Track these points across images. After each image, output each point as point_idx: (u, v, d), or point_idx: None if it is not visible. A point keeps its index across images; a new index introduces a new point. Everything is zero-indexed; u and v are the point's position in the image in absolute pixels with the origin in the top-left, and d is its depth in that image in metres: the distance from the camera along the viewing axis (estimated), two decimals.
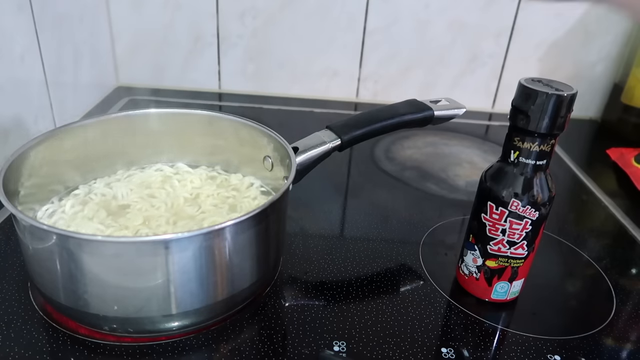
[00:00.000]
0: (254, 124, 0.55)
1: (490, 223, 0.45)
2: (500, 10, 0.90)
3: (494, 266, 0.46)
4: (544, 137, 0.41)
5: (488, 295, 0.48)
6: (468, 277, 0.49)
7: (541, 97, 0.39)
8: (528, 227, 0.44)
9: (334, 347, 0.44)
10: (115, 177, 0.57)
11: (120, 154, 0.58)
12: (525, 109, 0.40)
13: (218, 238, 0.41)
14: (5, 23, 0.62)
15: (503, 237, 0.45)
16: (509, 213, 0.43)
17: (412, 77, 0.96)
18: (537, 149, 0.41)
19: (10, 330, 0.43)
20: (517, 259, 0.45)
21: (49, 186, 0.52)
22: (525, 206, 0.43)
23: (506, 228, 0.44)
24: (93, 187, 0.55)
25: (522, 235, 0.44)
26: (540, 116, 0.40)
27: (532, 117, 0.40)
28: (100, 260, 0.39)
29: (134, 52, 0.95)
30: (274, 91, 0.98)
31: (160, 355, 0.42)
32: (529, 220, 0.43)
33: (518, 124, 0.41)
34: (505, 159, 0.44)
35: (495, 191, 0.44)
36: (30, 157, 0.48)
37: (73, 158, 0.54)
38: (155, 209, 0.51)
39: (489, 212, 0.44)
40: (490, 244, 0.46)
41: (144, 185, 0.55)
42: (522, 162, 0.42)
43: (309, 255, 0.55)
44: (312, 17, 0.90)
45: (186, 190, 0.55)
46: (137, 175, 0.57)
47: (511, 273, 0.46)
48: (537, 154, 0.41)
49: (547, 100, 0.39)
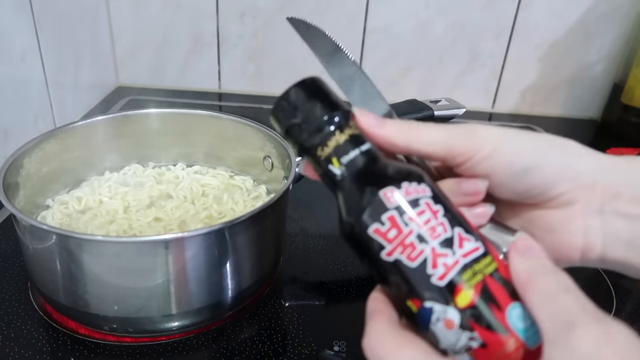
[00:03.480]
0: (254, 124, 0.55)
1: (393, 245, 0.25)
2: (500, 10, 0.90)
3: (466, 303, 0.24)
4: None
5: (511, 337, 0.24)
6: (478, 349, 0.24)
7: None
8: (434, 207, 0.26)
9: (334, 347, 0.44)
10: (112, 177, 0.57)
11: (120, 153, 0.58)
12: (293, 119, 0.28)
13: (218, 238, 0.41)
14: (5, 23, 0.62)
15: (424, 246, 0.25)
16: (400, 213, 0.25)
17: (412, 77, 0.96)
18: (346, 137, 0.27)
19: (10, 330, 0.43)
20: (476, 259, 0.25)
21: (49, 186, 0.52)
22: (407, 186, 0.26)
23: (419, 230, 0.25)
24: (94, 187, 0.55)
25: (440, 223, 0.25)
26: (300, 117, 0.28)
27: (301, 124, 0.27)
28: (100, 260, 0.39)
29: (134, 52, 0.95)
30: (274, 91, 0.97)
31: (160, 355, 0.42)
32: (427, 200, 0.26)
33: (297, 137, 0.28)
34: (335, 186, 0.27)
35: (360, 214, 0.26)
36: (30, 157, 0.48)
37: (73, 158, 0.54)
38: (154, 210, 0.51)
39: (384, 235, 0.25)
40: (432, 279, 0.25)
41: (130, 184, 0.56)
42: (346, 162, 0.27)
43: (309, 255, 0.55)
44: (312, 17, 0.90)
45: (189, 191, 0.55)
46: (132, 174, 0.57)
47: (499, 286, 0.25)
48: (350, 141, 0.27)
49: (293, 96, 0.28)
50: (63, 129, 0.52)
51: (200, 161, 0.60)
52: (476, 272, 0.25)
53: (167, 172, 0.58)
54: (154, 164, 0.60)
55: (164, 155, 0.60)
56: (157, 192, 0.54)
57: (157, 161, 0.60)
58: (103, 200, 0.52)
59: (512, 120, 0.95)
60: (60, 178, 0.53)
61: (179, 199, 0.53)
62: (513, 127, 0.30)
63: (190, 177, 0.57)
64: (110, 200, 0.52)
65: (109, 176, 0.56)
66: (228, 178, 0.58)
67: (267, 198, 0.52)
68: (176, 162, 0.60)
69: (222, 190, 0.55)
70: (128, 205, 0.52)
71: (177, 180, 0.57)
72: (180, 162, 0.60)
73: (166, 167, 0.59)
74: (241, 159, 0.58)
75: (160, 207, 0.52)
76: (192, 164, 0.60)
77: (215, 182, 0.57)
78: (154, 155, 0.59)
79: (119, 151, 0.57)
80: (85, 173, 0.56)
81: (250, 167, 0.58)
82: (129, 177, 0.57)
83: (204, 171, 0.59)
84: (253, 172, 0.58)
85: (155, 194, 0.54)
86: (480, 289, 0.24)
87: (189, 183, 0.55)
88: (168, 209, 0.51)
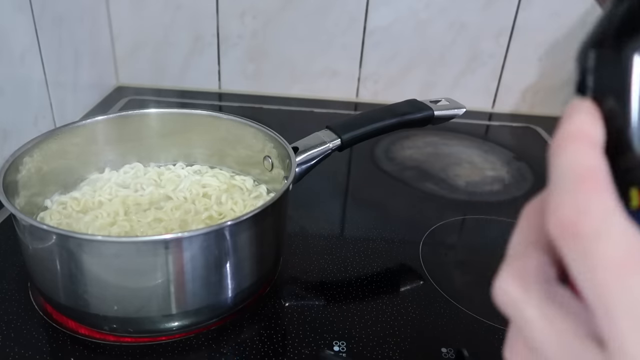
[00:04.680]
0: (254, 124, 0.55)
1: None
2: (500, 10, 0.90)
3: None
4: None
5: None
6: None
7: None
8: None
9: (334, 347, 0.44)
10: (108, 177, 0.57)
11: (120, 154, 0.58)
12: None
13: (218, 238, 0.41)
14: (5, 23, 0.62)
15: None
16: None
17: (412, 77, 0.96)
18: None
19: (10, 330, 0.43)
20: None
21: (49, 186, 0.52)
22: None
23: None
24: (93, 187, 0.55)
25: None
26: None
27: None
28: (100, 260, 0.39)
29: (134, 52, 0.95)
30: (274, 91, 0.98)
31: (160, 355, 0.42)
32: None
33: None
34: None
35: None
36: (30, 157, 0.48)
37: (73, 158, 0.54)
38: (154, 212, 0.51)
39: None
40: None
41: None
42: None
43: (309, 255, 0.55)
44: (312, 17, 0.90)
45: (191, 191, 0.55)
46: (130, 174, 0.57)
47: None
48: None
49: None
50: (63, 129, 0.52)
51: (201, 161, 0.60)
52: None
53: (167, 171, 0.58)
54: (154, 164, 0.59)
55: (164, 155, 0.60)
56: (157, 196, 0.54)
57: (157, 161, 0.60)
58: (103, 202, 0.52)
59: (512, 120, 0.95)
60: (60, 178, 0.53)
61: (179, 199, 0.53)
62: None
63: (190, 179, 0.57)
64: (110, 202, 0.52)
65: (108, 176, 0.56)
66: (229, 178, 0.58)
67: (268, 198, 0.52)
68: (176, 162, 0.60)
69: (223, 190, 0.55)
70: (128, 209, 0.51)
71: (178, 179, 0.57)
72: (179, 161, 0.60)
73: (166, 166, 0.59)
74: (241, 159, 0.58)
75: (160, 207, 0.52)
76: (192, 164, 0.60)
77: (216, 182, 0.56)
78: (154, 156, 0.59)
79: (119, 151, 0.57)
80: (85, 173, 0.56)
81: (250, 167, 0.58)
82: (129, 178, 0.56)
83: (204, 170, 0.59)
84: (254, 172, 0.58)
85: (156, 197, 0.54)
86: None
87: (189, 185, 0.55)
88: (168, 209, 0.51)
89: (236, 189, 0.56)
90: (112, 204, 0.51)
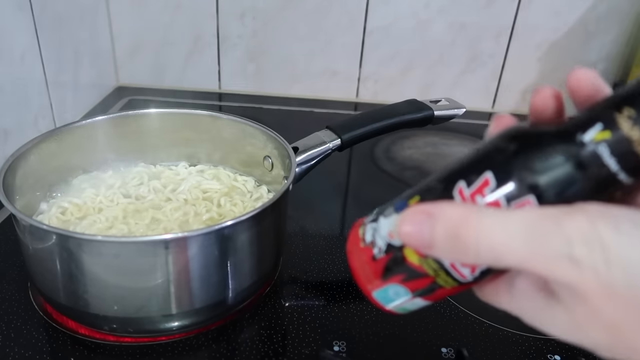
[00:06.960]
0: (254, 124, 0.55)
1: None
2: (500, 10, 0.90)
3: (411, 262, 0.26)
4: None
5: (370, 286, 0.28)
6: (364, 247, 0.28)
7: None
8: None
9: (334, 347, 0.44)
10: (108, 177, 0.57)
11: (120, 154, 0.58)
12: None
13: (218, 238, 0.41)
14: (5, 23, 0.62)
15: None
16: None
17: (412, 77, 0.96)
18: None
19: (10, 330, 0.43)
20: (453, 278, 0.26)
21: (49, 186, 0.52)
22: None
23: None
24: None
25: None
26: None
27: None
28: (100, 260, 0.39)
29: (134, 52, 0.95)
30: (274, 91, 0.98)
31: (160, 355, 0.42)
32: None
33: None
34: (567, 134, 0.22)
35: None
36: (30, 157, 0.48)
37: (73, 158, 0.54)
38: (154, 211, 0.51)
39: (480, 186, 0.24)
40: None
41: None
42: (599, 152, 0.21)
43: (309, 255, 0.55)
44: (312, 17, 0.90)
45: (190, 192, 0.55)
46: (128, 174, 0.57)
47: (425, 287, 0.27)
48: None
49: None
50: (63, 129, 0.52)
51: (201, 161, 0.60)
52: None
53: (168, 171, 0.58)
54: (153, 164, 0.59)
55: (164, 155, 0.60)
56: (157, 201, 0.53)
57: (157, 161, 0.60)
58: (102, 209, 0.51)
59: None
60: (60, 178, 0.53)
61: (179, 201, 0.53)
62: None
63: (192, 180, 0.56)
64: (110, 208, 0.52)
65: (111, 182, 0.55)
66: (231, 179, 0.57)
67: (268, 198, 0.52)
68: (177, 162, 0.60)
69: (223, 194, 0.55)
70: (127, 214, 0.51)
71: (177, 177, 0.57)
72: (179, 161, 0.60)
73: (168, 167, 0.59)
74: (242, 160, 0.58)
75: (158, 208, 0.52)
76: (191, 164, 0.60)
77: (216, 186, 0.56)
78: (154, 156, 0.59)
79: (119, 151, 0.57)
80: (85, 173, 0.56)
81: (251, 167, 0.58)
82: (131, 188, 0.55)
83: (206, 169, 0.59)
84: (255, 172, 0.58)
85: (156, 201, 0.53)
86: None
87: (189, 187, 0.55)
88: (167, 210, 0.51)
89: (237, 191, 0.56)
90: (111, 210, 0.51)
